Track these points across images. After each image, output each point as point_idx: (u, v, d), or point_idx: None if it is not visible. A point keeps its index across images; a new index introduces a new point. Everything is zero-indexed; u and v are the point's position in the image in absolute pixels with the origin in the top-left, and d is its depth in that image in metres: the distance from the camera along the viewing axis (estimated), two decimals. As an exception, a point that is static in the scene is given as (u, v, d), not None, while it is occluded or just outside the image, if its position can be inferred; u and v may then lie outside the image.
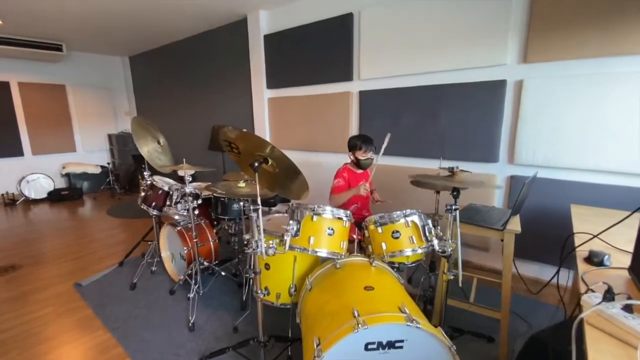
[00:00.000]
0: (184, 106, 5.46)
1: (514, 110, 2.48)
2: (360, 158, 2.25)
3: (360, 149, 2.23)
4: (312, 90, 3.62)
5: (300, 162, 3.90)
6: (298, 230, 1.53)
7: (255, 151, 1.54)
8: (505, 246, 1.75)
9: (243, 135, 1.48)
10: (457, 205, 1.55)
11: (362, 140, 2.23)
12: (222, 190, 1.84)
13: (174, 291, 2.58)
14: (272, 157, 1.57)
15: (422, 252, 1.55)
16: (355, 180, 2.34)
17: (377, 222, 1.59)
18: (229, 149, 1.68)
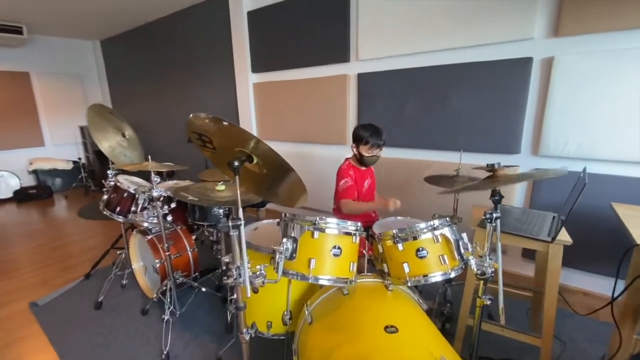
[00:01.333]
0: (162, 94, 4.96)
1: (540, 93, 2.13)
2: (364, 154, 1.88)
3: (366, 143, 1.85)
4: (303, 74, 3.20)
5: (291, 156, 3.46)
6: (294, 251, 1.16)
7: (234, 146, 1.15)
8: (551, 260, 1.42)
9: (216, 125, 1.09)
10: (498, 213, 1.21)
11: (370, 132, 1.85)
12: (194, 197, 1.44)
13: (146, 311, 2.20)
14: (257, 154, 1.19)
15: (456, 274, 1.20)
16: (361, 178, 1.98)
17: (396, 236, 1.23)
18: (200, 144, 1.29)
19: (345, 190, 1.90)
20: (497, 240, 1.25)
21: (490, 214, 1.21)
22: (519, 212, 1.71)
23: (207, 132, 1.18)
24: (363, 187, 2.00)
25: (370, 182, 2.05)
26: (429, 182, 1.92)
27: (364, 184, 2.00)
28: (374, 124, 1.89)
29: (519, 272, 2.42)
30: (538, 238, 1.36)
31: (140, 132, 5.74)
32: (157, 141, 5.25)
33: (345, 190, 1.90)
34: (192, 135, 1.26)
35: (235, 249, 1.09)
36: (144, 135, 5.70)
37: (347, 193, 1.89)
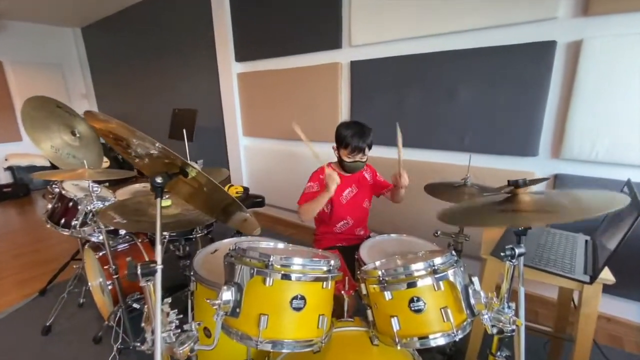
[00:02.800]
0: (144, 85, 4.62)
1: (565, 83, 1.78)
2: (344, 159, 1.54)
3: (346, 146, 1.51)
4: (290, 63, 2.84)
5: (279, 154, 3.16)
6: (238, 305, 0.83)
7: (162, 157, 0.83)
8: (586, 303, 1.09)
9: (119, 129, 0.76)
10: (522, 248, 0.88)
11: (352, 132, 1.50)
12: (123, 218, 1.11)
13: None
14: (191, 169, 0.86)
15: (463, 334, 0.87)
16: (340, 186, 1.64)
17: (381, 279, 0.90)
18: (121, 150, 0.96)
19: (306, 194, 1.59)
20: (520, 284, 0.92)
21: (512, 250, 0.87)
22: (538, 233, 1.37)
23: (120, 134, 0.85)
24: (341, 196, 1.66)
25: (356, 192, 1.70)
26: (430, 192, 1.58)
27: (342, 193, 1.66)
28: (360, 122, 1.55)
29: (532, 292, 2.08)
30: (573, 277, 1.03)
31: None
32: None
33: (306, 194, 1.60)
34: (106, 139, 0.93)
35: (150, 306, 0.77)
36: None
37: (307, 198, 1.57)
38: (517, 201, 0.87)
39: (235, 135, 3.42)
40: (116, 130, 0.83)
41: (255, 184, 3.49)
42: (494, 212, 0.87)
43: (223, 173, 1.87)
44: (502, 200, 0.90)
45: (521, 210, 0.83)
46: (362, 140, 1.49)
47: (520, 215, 0.82)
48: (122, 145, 0.91)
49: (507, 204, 0.87)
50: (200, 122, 3.43)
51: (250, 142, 3.44)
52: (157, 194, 0.84)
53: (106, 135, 0.90)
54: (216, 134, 3.66)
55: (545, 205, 0.83)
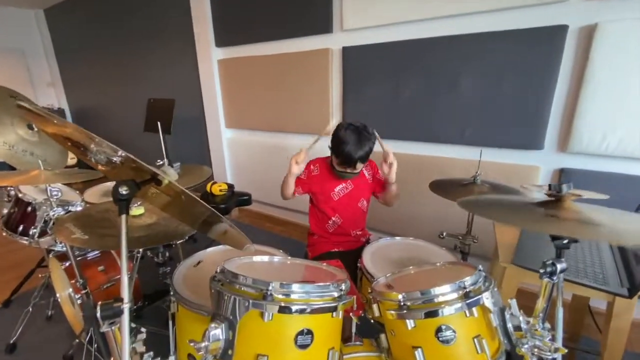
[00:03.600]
0: (117, 73, 4.27)
1: (575, 71, 1.67)
2: (335, 165, 1.42)
3: (337, 156, 1.38)
4: (276, 48, 2.62)
5: (265, 147, 2.96)
6: (230, 346, 0.67)
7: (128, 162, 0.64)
8: (617, 315, 0.98)
9: (76, 134, 0.58)
10: (563, 263, 0.75)
11: (345, 144, 1.31)
12: (82, 233, 0.92)
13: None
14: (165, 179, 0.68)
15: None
16: (328, 181, 1.52)
17: (402, 304, 0.75)
18: (79, 155, 0.77)
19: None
20: (559, 305, 0.80)
21: (553, 266, 0.75)
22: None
23: (78, 140, 0.66)
24: (332, 191, 1.53)
25: (351, 190, 1.55)
26: (436, 191, 1.44)
27: (334, 188, 1.53)
28: (360, 129, 1.34)
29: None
30: (609, 290, 0.91)
31: (95, 119, 5.07)
32: (112, 129, 4.59)
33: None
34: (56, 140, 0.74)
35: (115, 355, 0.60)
36: (99, 122, 5.03)
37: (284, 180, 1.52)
38: (560, 207, 0.73)
39: (217, 127, 3.19)
40: (73, 135, 0.64)
41: (240, 179, 3.28)
42: (536, 214, 0.73)
43: (204, 172, 1.67)
44: (545, 203, 0.76)
45: (567, 219, 0.69)
46: (355, 153, 1.31)
47: (566, 225, 0.68)
48: (80, 150, 0.72)
49: (550, 208, 0.74)
50: (179, 113, 3.16)
51: (234, 134, 3.22)
52: (122, 209, 0.65)
53: (61, 140, 0.71)
54: (196, 125, 3.41)
55: (592, 219, 0.70)
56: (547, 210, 0.74)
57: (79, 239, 0.91)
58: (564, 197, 0.75)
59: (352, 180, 1.55)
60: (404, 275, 0.95)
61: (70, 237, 0.91)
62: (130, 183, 0.67)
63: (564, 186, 0.75)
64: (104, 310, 0.58)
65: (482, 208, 0.81)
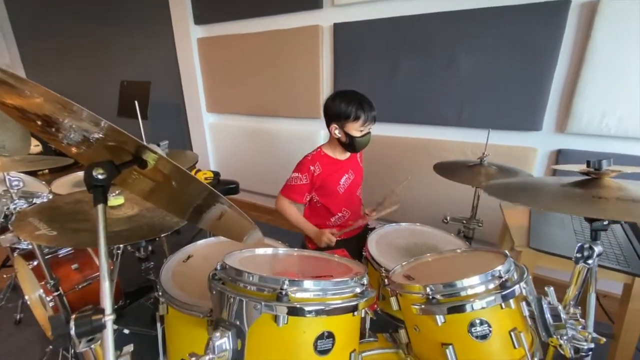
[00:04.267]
0: (86, 55, 3.92)
1: (576, 49, 1.62)
2: (355, 135, 1.29)
3: (356, 118, 1.26)
4: (262, 25, 2.45)
5: (251, 133, 2.79)
6: (239, 356, 0.56)
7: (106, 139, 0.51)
8: (636, 297, 0.95)
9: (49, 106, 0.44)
10: (599, 247, 0.69)
11: (356, 102, 1.26)
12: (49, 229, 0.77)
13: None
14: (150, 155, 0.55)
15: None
16: (335, 174, 1.40)
17: (430, 297, 0.67)
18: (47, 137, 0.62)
19: (293, 187, 1.40)
20: (592, 290, 0.74)
21: (590, 250, 0.68)
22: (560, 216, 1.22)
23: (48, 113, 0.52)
24: (339, 185, 1.42)
25: (354, 178, 1.46)
26: (441, 173, 1.37)
27: (339, 180, 1.42)
28: (354, 90, 1.32)
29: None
30: (631, 271, 0.87)
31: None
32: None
33: (293, 187, 1.40)
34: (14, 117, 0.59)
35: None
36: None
37: (292, 192, 1.40)
38: (600, 186, 0.66)
39: (198, 111, 2.99)
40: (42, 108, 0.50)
41: (224, 167, 3.11)
42: (578, 196, 0.66)
43: (190, 158, 1.52)
44: (580, 184, 0.69)
45: (613, 199, 0.62)
46: (372, 107, 1.29)
47: (615, 205, 0.61)
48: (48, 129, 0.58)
49: (587, 188, 0.67)
50: (156, 97, 2.94)
51: (217, 119, 3.04)
52: (98, 197, 0.53)
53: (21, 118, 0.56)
54: (175, 110, 3.19)
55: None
56: (588, 191, 0.67)
57: (45, 235, 0.76)
58: (604, 174, 0.69)
59: (352, 168, 1.46)
60: (422, 264, 0.87)
61: (34, 233, 0.76)
62: (107, 165, 0.54)
63: (603, 162, 0.68)
64: (80, 326, 0.46)
65: (514, 195, 0.73)
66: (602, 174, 0.69)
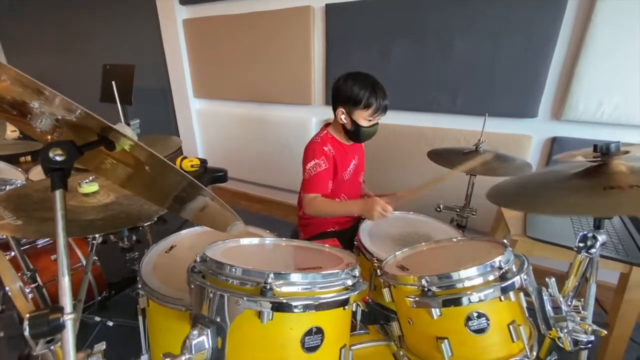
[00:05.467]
0: (67, 37, 3.74)
1: (575, 34, 1.58)
2: (362, 124, 1.21)
3: (367, 106, 1.17)
4: (250, 6, 2.34)
5: (240, 119, 2.69)
6: (220, 355, 0.52)
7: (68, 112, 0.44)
8: (631, 288, 0.93)
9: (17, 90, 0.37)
10: (603, 235, 0.66)
11: (369, 88, 1.17)
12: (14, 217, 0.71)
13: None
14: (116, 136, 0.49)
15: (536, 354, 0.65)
16: (344, 158, 1.32)
17: (426, 289, 0.63)
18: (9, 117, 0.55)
19: (314, 178, 1.23)
20: (593, 281, 0.72)
21: (593, 239, 0.65)
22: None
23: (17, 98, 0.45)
24: (346, 170, 1.35)
25: (358, 163, 1.40)
26: (435, 160, 1.33)
27: (348, 167, 1.35)
28: (369, 74, 1.22)
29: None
30: (629, 260, 0.85)
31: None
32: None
33: (313, 179, 1.23)
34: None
35: None
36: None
37: (316, 184, 1.23)
38: (610, 172, 0.62)
39: (185, 96, 2.89)
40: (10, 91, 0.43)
41: (213, 155, 3.03)
42: (579, 190, 0.61)
43: (173, 143, 1.44)
44: (587, 172, 0.65)
45: (623, 187, 0.58)
46: (385, 96, 1.19)
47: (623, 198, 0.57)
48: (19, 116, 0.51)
49: (596, 177, 0.63)
50: (141, 82, 2.82)
51: (204, 105, 2.93)
52: (55, 182, 0.47)
53: None
54: (161, 95, 3.07)
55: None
56: (597, 181, 0.62)
57: (10, 225, 0.69)
58: (613, 158, 0.65)
59: (358, 154, 1.40)
60: (416, 254, 0.83)
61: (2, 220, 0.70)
62: (67, 145, 0.47)
63: (612, 145, 0.64)
64: (36, 326, 0.40)
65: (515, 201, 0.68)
66: (610, 158, 0.65)
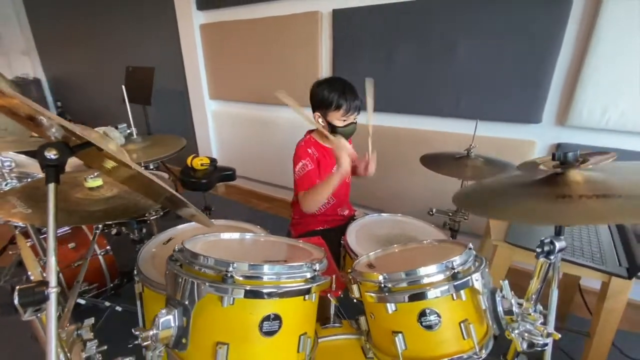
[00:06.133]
0: (95, 40, 3.99)
1: (580, 37, 1.55)
2: (337, 124, 1.28)
3: (338, 107, 1.24)
4: (262, 11, 2.43)
5: (252, 120, 2.80)
6: (184, 333, 0.59)
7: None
8: (612, 296, 0.93)
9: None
10: (562, 241, 0.67)
11: (339, 90, 1.25)
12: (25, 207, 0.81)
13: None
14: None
15: (487, 353, 0.68)
16: (328, 161, 1.38)
17: (382, 286, 0.68)
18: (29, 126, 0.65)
19: (304, 177, 1.30)
20: (554, 286, 0.73)
21: (551, 244, 0.67)
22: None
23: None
24: (329, 172, 1.40)
25: None
26: (427, 165, 1.35)
27: (331, 168, 1.40)
28: (340, 77, 1.29)
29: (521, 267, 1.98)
30: (608, 271, 0.85)
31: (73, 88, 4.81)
32: (91, 98, 4.37)
33: (303, 178, 1.31)
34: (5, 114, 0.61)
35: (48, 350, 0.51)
36: (77, 92, 4.76)
37: (305, 182, 1.30)
38: (566, 182, 0.64)
39: (201, 98, 3.02)
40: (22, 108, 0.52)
41: (226, 154, 3.15)
42: (543, 198, 0.63)
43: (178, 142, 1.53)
44: (546, 180, 0.67)
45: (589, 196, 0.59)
46: (356, 96, 1.26)
47: (577, 207, 0.58)
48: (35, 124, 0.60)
49: (560, 186, 0.64)
50: (161, 84, 2.98)
51: (219, 106, 3.06)
52: (49, 177, 0.55)
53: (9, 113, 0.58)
54: (179, 97, 3.22)
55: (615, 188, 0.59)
56: (553, 190, 0.64)
57: (21, 213, 0.80)
58: (571, 167, 0.66)
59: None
60: (388, 254, 0.87)
61: (10, 211, 0.80)
62: (60, 145, 0.56)
63: (569, 154, 0.66)
64: (24, 296, 0.49)
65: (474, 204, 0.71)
66: (569, 167, 0.67)
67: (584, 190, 0.60)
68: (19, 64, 5.03)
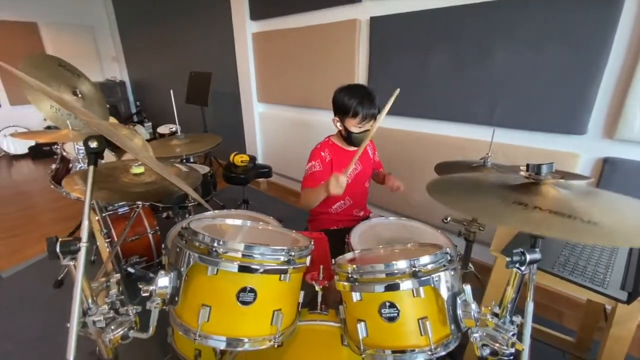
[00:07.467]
0: (166, 47, 4.55)
1: (632, 41, 1.41)
2: (353, 130, 1.34)
3: (354, 115, 1.30)
4: (305, 20, 2.58)
5: (292, 123, 2.99)
6: (177, 292, 0.72)
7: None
8: (618, 323, 0.86)
9: None
10: (537, 254, 0.67)
11: (358, 98, 1.29)
12: (83, 185, 1.03)
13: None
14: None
15: (445, 352, 0.71)
16: (343, 163, 1.45)
17: (349, 276, 0.74)
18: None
19: (309, 176, 1.41)
20: (529, 299, 0.73)
21: (522, 256, 0.67)
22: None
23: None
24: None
25: (361, 169, 1.51)
26: (442, 173, 1.35)
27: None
28: (362, 85, 1.35)
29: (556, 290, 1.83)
30: (603, 292, 0.80)
31: (149, 90, 5.50)
32: (161, 99, 4.95)
33: (308, 177, 1.41)
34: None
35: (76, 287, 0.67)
36: (152, 93, 5.45)
37: (308, 180, 1.40)
38: (539, 193, 0.65)
39: (250, 101, 3.28)
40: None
41: (268, 152, 3.38)
42: (500, 200, 0.65)
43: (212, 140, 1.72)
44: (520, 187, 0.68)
45: (542, 209, 0.60)
46: (373, 105, 1.30)
47: (539, 218, 0.59)
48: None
49: (525, 194, 0.65)
50: (217, 87, 3.31)
51: (265, 108, 3.29)
52: (91, 160, 0.72)
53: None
54: (232, 99, 3.53)
55: (576, 211, 0.59)
56: (522, 197, 0.65)
57: (79, 189, 1.03)
58: (543, 180, 0.67)
59: (361, 159, 1.51)
60: (372, 252, 0.93)
61: (74, 187, 1.03)
62: (100, 138, 0.73)
63: (543, 167, 0.66)
64: (63, 246, 0.66)
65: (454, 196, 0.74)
66: (541, 180, 0.67)
67: (544, 203, 0.61)
68: (109, 68, 5.90)
